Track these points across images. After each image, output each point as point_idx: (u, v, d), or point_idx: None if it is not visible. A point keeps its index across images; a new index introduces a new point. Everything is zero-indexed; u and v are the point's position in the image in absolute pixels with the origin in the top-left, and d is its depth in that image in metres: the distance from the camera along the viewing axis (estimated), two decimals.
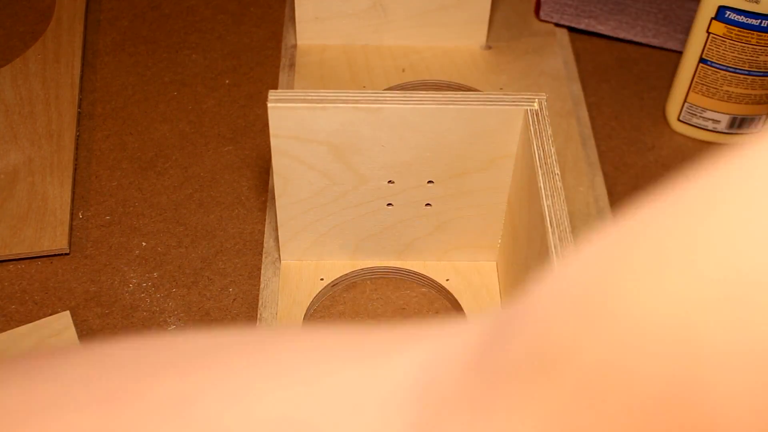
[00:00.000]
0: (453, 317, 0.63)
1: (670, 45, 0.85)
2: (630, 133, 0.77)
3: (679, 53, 0.75)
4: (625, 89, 0.82)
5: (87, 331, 0.62)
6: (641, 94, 0.81)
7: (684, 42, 0.82)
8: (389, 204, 0.61)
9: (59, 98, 0.75)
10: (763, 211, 0.18)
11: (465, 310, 0.62)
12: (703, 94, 0.74)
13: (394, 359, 0.27)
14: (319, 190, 0.59)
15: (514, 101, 0.55)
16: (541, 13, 0.85)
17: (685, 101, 0.75)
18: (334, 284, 0.64)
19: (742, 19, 0.68)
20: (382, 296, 0.64)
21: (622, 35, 0.85)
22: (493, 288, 0.63)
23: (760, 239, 0.18)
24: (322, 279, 0.63)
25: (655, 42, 0.85)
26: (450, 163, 0.58)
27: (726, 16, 0.69)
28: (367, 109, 0.55)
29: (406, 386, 0.25)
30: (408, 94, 0.55)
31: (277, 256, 0.65)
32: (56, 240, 0.65)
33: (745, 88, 0.72)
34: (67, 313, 0.61)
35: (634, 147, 0.76)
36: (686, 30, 0.85)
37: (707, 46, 0.71)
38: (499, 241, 0.63)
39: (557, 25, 0.85)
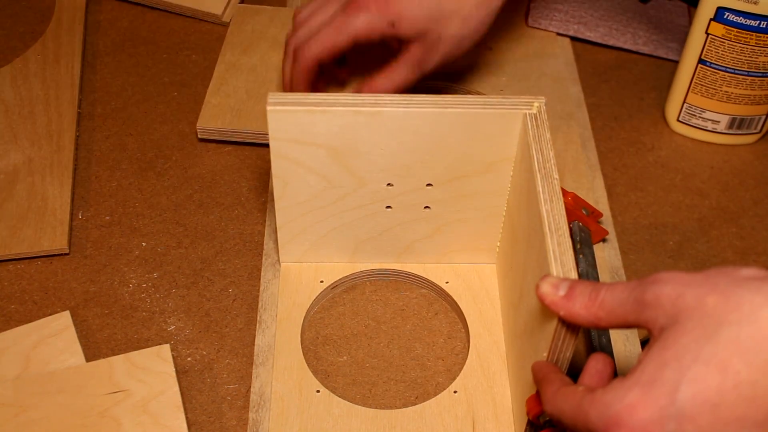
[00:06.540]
0: (452, 318, 0.63)
1: (661, 53, 0.84)
2: (630, 134, 0.78)
3: (672, 61, 0.74)
4: (625, 90, 0.82)
5: (87, 331, 0.62)
6: (641, 94, 0.81)
7: (676, 50, 0.82)
8: (388, 207, 0.61)
9: (59, 99, 0.75)
10: None
11: (464, 312, 0.62)
12: (702, 95, 0.74)
13: None
14: (318, 193, 0.59)
15: (513, 105, 0.55)
16: (529, 20, 0.85)
17: (684, 102, 0.76)
18: (333, 286, 0.64)
19: (740, 20, 0.68)
20: (381, 298, 0.64)
21: (611, 42, 0.84)
22: (493, 290, 0.63)
23: None
24: (321, 281, 0.63)
25: (645, 50, 0.84)
26: (449, 166, 0.58)
27: (725, 17, 0.69)
28: (366, 113, 0.55)
29: None
30: (407, 97, 0.55)
31: (276, 258, 0.65)
32: (56, 240, 0.66)
33: (744, 89, 0.72)
34: (67, 313, 0.61)
35: (633, 148, 0.76)
36: (679, 38, 0.84)
37: (706, 47, 0.71)
38: (498, 243, 0.63)
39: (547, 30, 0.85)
